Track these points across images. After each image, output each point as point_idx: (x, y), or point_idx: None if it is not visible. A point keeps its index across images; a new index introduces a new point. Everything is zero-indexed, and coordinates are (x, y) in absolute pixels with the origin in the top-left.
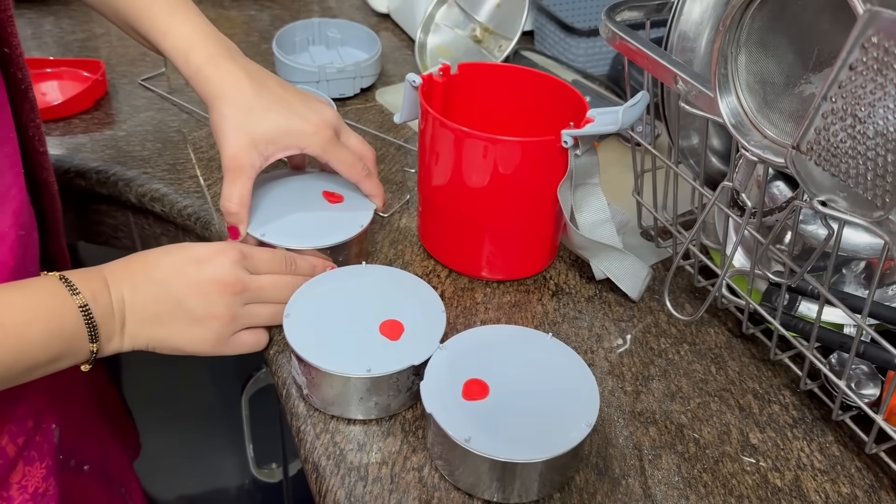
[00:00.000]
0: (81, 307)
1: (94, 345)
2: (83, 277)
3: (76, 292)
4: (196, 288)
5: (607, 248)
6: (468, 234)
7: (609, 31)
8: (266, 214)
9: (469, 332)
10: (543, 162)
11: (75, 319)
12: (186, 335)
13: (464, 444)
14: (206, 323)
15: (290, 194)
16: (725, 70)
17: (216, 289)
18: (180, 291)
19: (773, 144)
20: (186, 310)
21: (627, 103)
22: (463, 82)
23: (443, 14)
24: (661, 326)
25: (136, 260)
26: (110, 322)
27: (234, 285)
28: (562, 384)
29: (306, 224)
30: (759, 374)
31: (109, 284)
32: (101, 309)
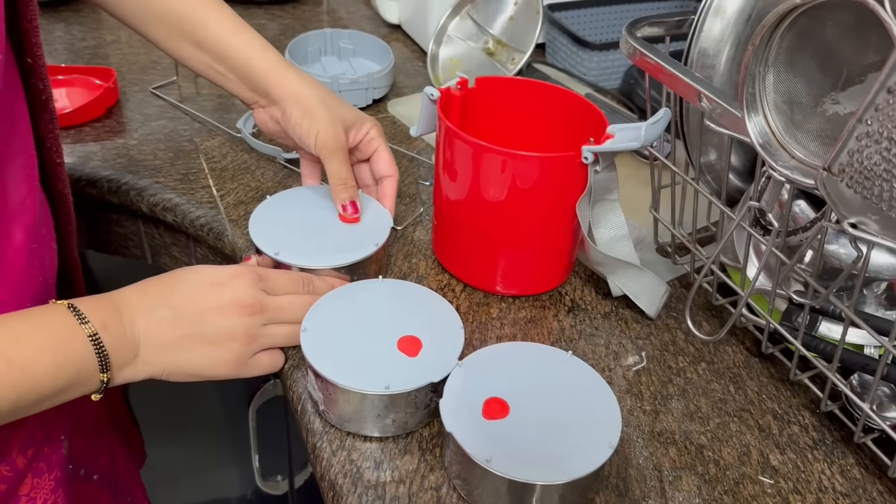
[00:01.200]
0: (91, 336)
1: (105, 374)
2: (93, 306)
3: (85, 321)
4: (215, 311)
5: (625, 265)
6: (484, 249)
7: (630, 46)
8: (281, 233)
9: (488, 348)
10: (563, 177)
11: (84, 350)
12: (205, 360)
13: (484, 465)
14: (225, 345)
15: (306, 212)
16: (753, 89)
17: (235, 311)
18: (199, 315)
19: (801, 165)
20: (205, 333)
21: (650, 120)
22: (480, 96)
23: (455, 26)
24: (678, 344)
25: (150, 285)
26: (123, 350)
27: (253, 306)
28: (583, 404)
29: (323, 242)
30: (779, 394)
31: (122, 311)
32: (113, 337)
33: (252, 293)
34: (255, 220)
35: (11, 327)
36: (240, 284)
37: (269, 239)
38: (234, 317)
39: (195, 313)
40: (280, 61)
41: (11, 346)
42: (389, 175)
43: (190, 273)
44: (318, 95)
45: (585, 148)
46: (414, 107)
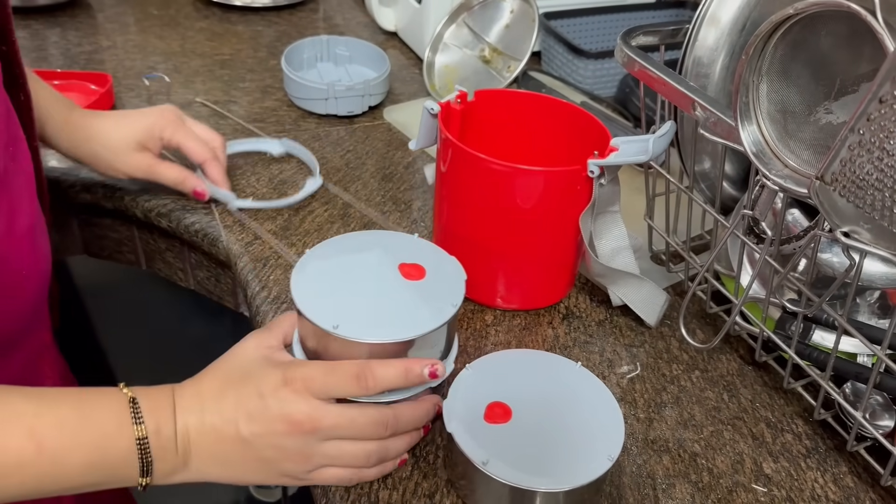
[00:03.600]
0: (139, 440)
1: (145, 479)
2: (154, 405)
3: (140, 421)
4: (262, 430)
5: (625, 275)
6: (485, 263)
7: (625, 55)
8: (338, 301)
9: (496, 354)
10: (567, 191)
11: (127, 452)
12: (258, 475)
13: (481, 467)
14: (277, 465)
15: (361, 273)
16: (747, 99)
17: (283, 428)
18: (246, 434)
19: (794, 174)
20: (254, 454)
21: (657, 133)
22: (479, 108)
23: (451, 34)
24: (672, 352)
25: (209, 385)
26: (171, 457)
27: (305, 423)
28: (587, 414)
29: (385, 310)
30: (772, 402)
31: (177, 412)
32: (162, 443)
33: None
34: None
35: (58, 411)
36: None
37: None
38: (282, 437)
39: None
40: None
41: (50, 431)
42: (205, 159)
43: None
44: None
45: (591, 162)
46: (410, 114)
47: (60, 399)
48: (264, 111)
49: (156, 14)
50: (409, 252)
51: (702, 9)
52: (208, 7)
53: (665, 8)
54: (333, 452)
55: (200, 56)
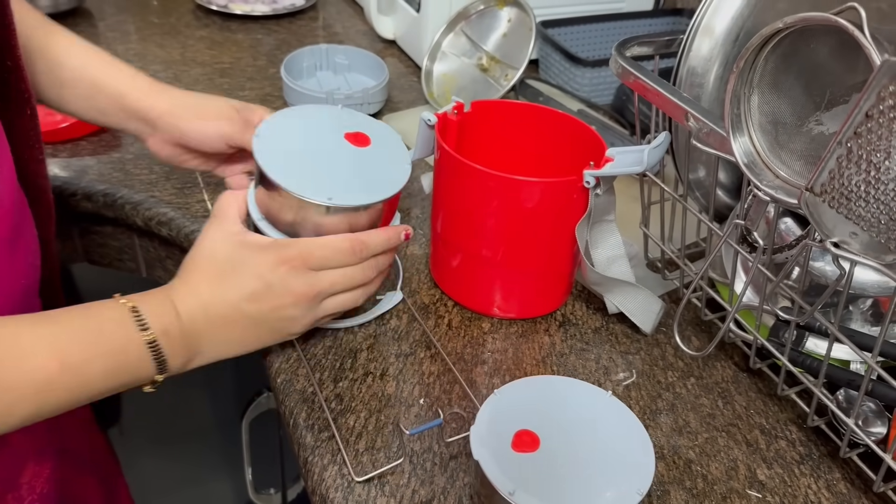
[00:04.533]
0: (150, 343)
1: (161, 376)
2: (155, 311)
3: (145, 328)
4: (271, 307)
5: (621, 284)
6: (482, 273)
7: (620, 66)
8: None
9: (525, 381)
10: (564, 201)
11: (141, 354)
12: (268, 342)
13: (507, 497)
14: (286, 329)
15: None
16: (738, 110)
17: (289, 301)
18: (258, 312)
19: (785, 185)
20: (265, 326)
21: (652, 144)
22: (475, 118)
23: (449, 42)
24: (667, 359)
25: (201, 281)
26: (183, 352)
27: (306, 294)
28: (617, 445)
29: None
30: (766, 408)
31: (181, 314)
32: (173, 342)
33: (301, 283)
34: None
35: (70, 327)
36: (286, 275)
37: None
38: (289, 307)
39: (251, 308)
40: (151, 86)
41: (68, 347)
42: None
43: (235, 266)
44: (195, 100)
45: (587, 172)
46: (408, 122)
47: (70, 318)
48: None
49: (156, 23)
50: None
51: (696, 19)
52: (208, 16)
53: (662, 16)
54: (332, 305)
55: (201, 65)
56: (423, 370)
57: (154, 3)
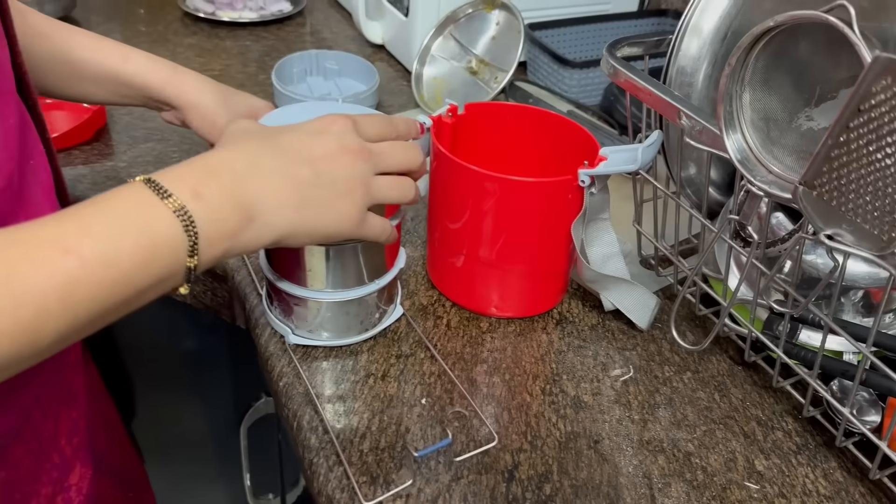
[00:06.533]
0: (177, 212)
1: (193, 260)
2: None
3: (166, 195)
4: (327, 160)
5: (617, 281)
6: (479, 273)
7: (611, 66)
8: None
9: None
10: (559, 201)
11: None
12: (331, 214)
13: None
14: (346, 196)
15: None
16: (731, 108)
17: (349, 158)
18: (313, 165)
19: (778, 180)
20: (324, 184)
21: (645, 143)
22: (469, 121)
23: (439, 46)
24: (664, 354)
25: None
26: (231, 217)
27: (362, 152)
28: None
29: None
30: (762, 400)
31: (220, 171)
32: (212, 205)
33: (355, 138)
34: None
35: (79, 218)
36: (341, 130)
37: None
38: (347, 165)
39: (311, 162)
40: (173, 72)
41: (85, 239)
42: None
43: (280, 129)
44: (215, 99)
45: (582, 172)
46: None
47: (79, 209)
48: None
49: (144, 31)
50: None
51: (684, 19)
52: (196, 23)
53: (647, 17)
54: (385, 184)
55: None
56: (424, 370)
57: (141, 11)
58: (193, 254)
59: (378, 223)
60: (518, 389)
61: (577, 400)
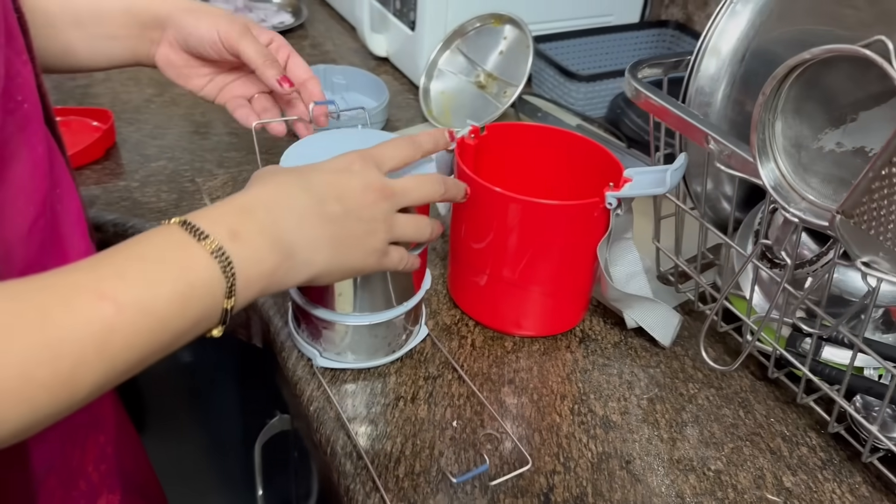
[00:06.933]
0: (215, 253)
1: (229, 301)
2: (213, 215)
3: (203, 236)
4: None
5: (640, 299)
6: (503, 293)
7: (634, 89)
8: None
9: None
10: (585, 223)
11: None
12: (359, 251)
13: None
14: (372, 234)
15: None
16: (763, 136)
17: (372, 196)
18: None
19: (812, 206)
20: (354, 220)
21: (672, 166)
22: (490, 141)
23: (446, 60)
24: (687, 371)
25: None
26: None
27: (384, 190)
28: None
29: None
30: (785, 416)
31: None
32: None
33: (378, 176)
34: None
35: (114, 263)
36: (363, 168)
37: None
38: (370, 203)
39: (337, 200)
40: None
41: (121, 285)
42: (309, 77)
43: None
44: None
45: (609, 194)
46: None
47: (114, 253)
48: (266, 141)
49: None
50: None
51: (703, 40)
52: None
53: (648, 28)
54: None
55: None
56: (453, 392)
57: None
58: (231, 295)
59: (396, 256)
60: (547, 410)
61: (606, 419)
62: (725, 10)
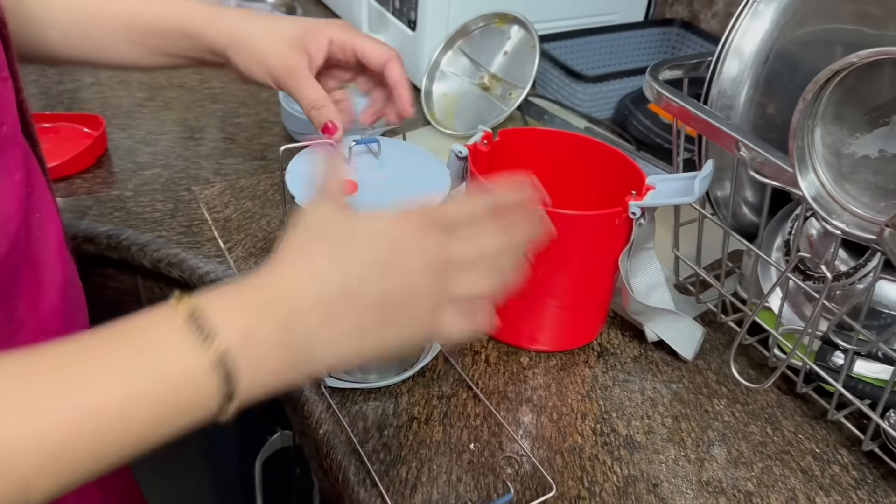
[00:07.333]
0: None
1: (231, 404)
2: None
3: (209, 339)
4: (395, 277)
5: (662, 312)
6: (518, 306)
7: (657, 92)
8: None
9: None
10: (606, 233)
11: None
12: (391, 337)
13: None
14: (412, 316)
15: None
16: (802, 143)
17: (418, 265)
18: (377, 288)
19: (856, 219)
20: (390, 310)
21: (701, 174)
22: (502, 147)
23: (448, 61)
24: (711, 386)
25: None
26: (275, 358)
27: (436, 256)
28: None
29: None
30: (814, 433)
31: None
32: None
33: (431, 242)
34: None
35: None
36: (413, 234)
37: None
38: (417, 277)
39: (377, 285)
40: (210, 11)
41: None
42: (387, 58)
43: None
44: (254, 27)
45: (633, 204)
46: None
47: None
48: (264, 148)
49: None
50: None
51: (725, 42)
52: None
53: (653, 26)
54: (467, 284)
55: (189, 90)
56: (468, 412)
57: None
58: (230, 399)
59: (455, 327)
60: (568, 430)
61: (630, 440)
62: (748, 11)
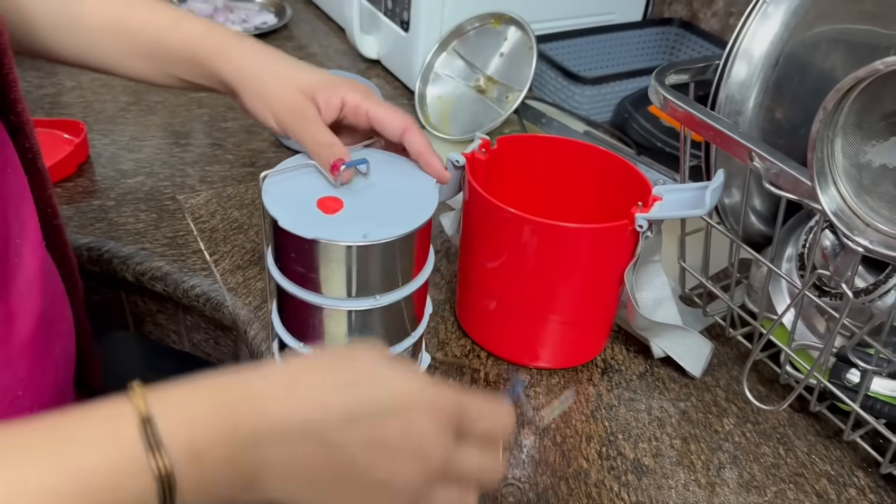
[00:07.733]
0: (162, 478)
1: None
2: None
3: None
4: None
5: (669, 327)
6: (519, 321)
7: (662, 98)
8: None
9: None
10: (611, 247)
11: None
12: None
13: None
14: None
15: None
16: (822, 154)
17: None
18: (355, 455)
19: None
20: (358, 478)
21: (711, 185)
22: (500, 155)
23: (442, 63)
24: (720, 405)
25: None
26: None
27: (433, 457)
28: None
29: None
30: (828, 453)
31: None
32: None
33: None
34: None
35: (48, 447)
36: (427, 417)
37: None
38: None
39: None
40: (222, 45)
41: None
42: (403, 128)
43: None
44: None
45: (640, 216)
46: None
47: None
48: (253, 154)
49: None
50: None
51: (733, 45)
52: None
53: (651, 26)
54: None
55: (174, 94)
56: None
57: None
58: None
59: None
60: (573, 454)
61: (638, 463)
62: (757, 13)
